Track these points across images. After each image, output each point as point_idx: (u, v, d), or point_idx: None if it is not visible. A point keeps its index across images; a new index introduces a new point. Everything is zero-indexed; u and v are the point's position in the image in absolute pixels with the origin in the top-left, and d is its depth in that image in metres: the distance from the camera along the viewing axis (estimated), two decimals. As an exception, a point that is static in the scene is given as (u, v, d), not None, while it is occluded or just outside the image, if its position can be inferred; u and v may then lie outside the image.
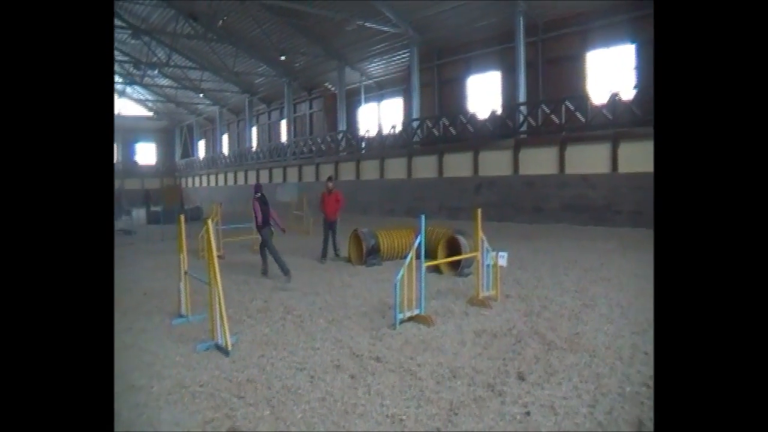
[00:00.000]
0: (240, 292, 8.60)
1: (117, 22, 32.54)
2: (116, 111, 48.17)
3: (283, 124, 36.66)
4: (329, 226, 12.08)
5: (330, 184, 12.32)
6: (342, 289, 8.79)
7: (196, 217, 23.07)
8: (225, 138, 45.80)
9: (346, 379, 4.91)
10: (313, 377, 4.97)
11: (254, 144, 40.50)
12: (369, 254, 10.65)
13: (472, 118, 22.84)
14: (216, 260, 5.92)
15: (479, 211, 7.47)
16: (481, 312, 7.00)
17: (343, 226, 12.31)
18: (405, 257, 6.69)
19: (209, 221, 6.22)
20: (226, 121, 45.11)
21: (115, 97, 47.04)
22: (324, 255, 11.97)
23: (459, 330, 6.26)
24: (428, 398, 4.43)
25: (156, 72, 37.40)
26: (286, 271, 9.22)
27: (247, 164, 38.83)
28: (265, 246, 9.89)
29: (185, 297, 7.13)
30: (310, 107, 35.23)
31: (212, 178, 44.43)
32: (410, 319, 6.52)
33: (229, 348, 5.63)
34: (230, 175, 41.24)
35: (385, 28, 24.32)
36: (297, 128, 35.54)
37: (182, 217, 7.36)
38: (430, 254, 9.28)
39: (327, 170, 28.26)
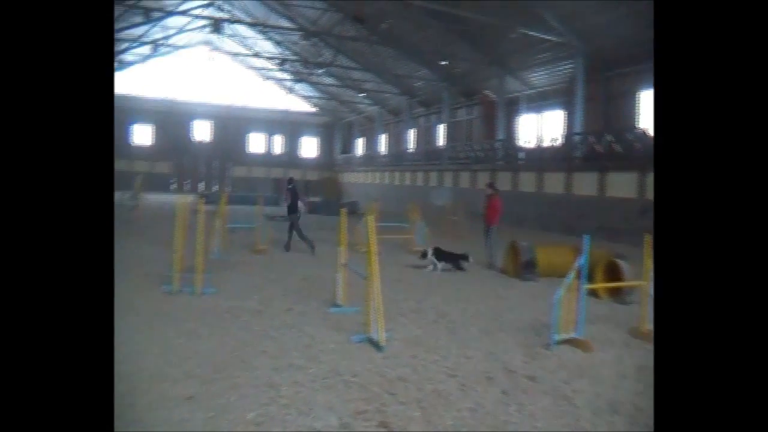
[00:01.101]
0: (393, 290, 8.78)
1: (288, 24, 34.97)
2: (285, 107, 51.73)
3: (441, 128, 36.92)
4: (485, 232, 11.98)
5: (488, 190, 12.18)
6: (496, 300, 8.64)
7: (353, 211, 24.02)
8: (383, 137, 47.20)
9: (497, 393, 4.80)
10: (464, 386, 4.92)
11: (411, 146, 41.30)
12: (525, 268, 10.34)
13: (641, 136, 21.30)
14: (376, 256, 6.09)
15: (649, 237, 6.91)
16: (644, 345, 6.48)
17: (499, 237, 12.05)
18: (565, 276, 6.37)
19: (371, 217, 6.41)
20: (385, 122, 46.43)
21: (284, 93, 50.53)
22: (489, 262, 11.81)
23: (619, 361, 5.84)
24: (584, 429, 4.18)
25: (322, 71, 39.55)
26: (312, 248, 12.63)
27: (404, 165, 39.68)
28: (293, 227, 12.99)
29: (342, 288, 7.44)
30: (469, 113, 35.11)
31: (369, 175, 46.04)
32: (566, 341, 6.22)
33: (383, 344, 5.76)
34: (386, 174, 42.44)
35: (549, 37, 23.45)
36: (454, 133, 35.62)
37: (344, 211, 7.68)
38: (589, 276, 8.79)
39: (483, 178, 27.97)
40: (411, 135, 41.80)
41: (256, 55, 41.37)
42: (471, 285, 9.80)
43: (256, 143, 52.99)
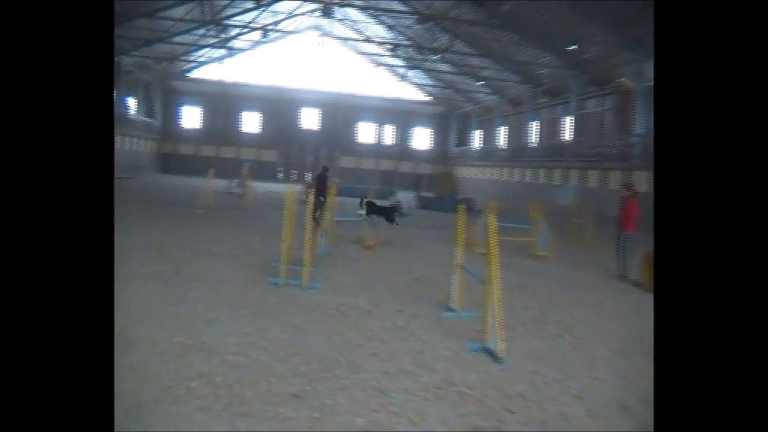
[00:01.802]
0: (512, 296, 8.57)
1: (401, 7, 35.08)
2: (396, 95, 52.22)
3: (567, 120, 35.72)
4: (617, 239, 11.45)
5: (625, 192, 11.63)
6: (630, 317, 8.17)
7: (469, 208, 23.79)
8: (502, 130, 46.45)
9: (633, 425, 4.54)
10: (593, 411, 4.70)
11: (533, 139, 40.32)
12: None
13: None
14: (496, 259, 5.97)
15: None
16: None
17: (635, 246, 11.42)
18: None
19: (492, 216, 6.29)
20: (504, 113, 45.58)
21: (396, 80, 50.99)
22: (621, 274, 11.34)
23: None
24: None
25: (436, 57, 39.44)
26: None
27: (524, 160, 38.83)
28: (320, 211, 14.32)
29: (457, 291, 7.39)
30: (600, 104, 33.63)
31: (485, 170, 45.52)
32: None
33: (502, 355, 5.64)
34: (504, 170, 41.76)
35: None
36: (583, 126, 34.30)
37: (463, 209, 7.61)
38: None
39: (615, 177, 26.74)
40: (533, 128, 40.81)
41: (367, 40, 42.12)
42: (600, 298, 9.37)
43: (366, 133, 53.96)
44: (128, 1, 28.26)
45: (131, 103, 44.22)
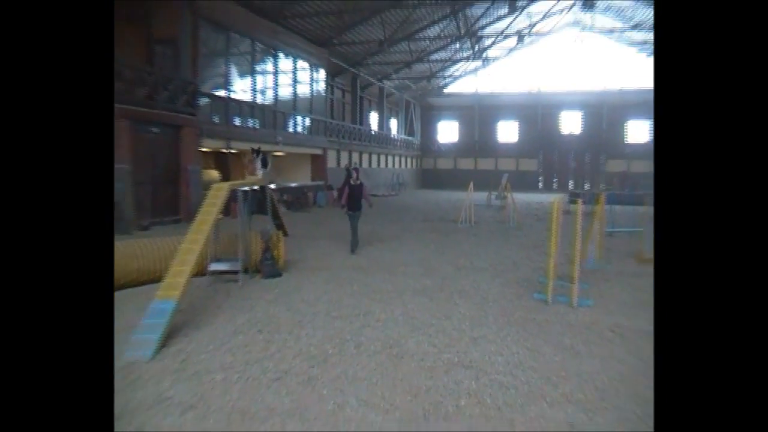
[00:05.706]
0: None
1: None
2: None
3: None
4: None
5: None
6: None
7: None
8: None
9: None
10: None
11: None
12: None
13: None
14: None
15: None
16: None
17: None
18: None
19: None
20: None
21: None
22: None
23: None
24: None
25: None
26: (352, 250, 12.55)
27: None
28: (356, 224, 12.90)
29: None
30: None
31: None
32: None
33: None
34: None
35: None
36: None
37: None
38: None
39: None
40: None
41: (637, 26, 39.27)
42: None
43: (636, 132, 49.96)
44: (390, 28, 30.54)
45: (393, 123, 47.65)
